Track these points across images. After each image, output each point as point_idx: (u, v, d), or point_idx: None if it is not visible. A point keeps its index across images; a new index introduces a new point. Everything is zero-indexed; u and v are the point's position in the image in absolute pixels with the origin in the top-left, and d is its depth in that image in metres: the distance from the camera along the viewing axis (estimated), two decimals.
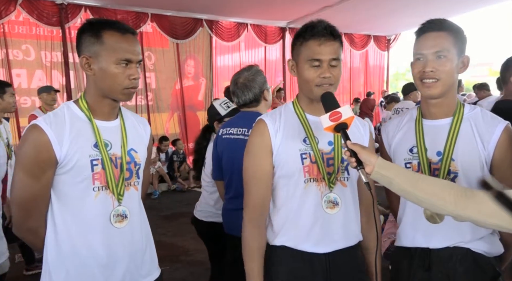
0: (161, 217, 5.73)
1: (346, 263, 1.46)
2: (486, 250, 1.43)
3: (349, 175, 1.48)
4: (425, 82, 1.42)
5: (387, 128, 1.64)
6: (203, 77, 8.80)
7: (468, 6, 8.62)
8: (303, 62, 1.42)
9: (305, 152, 1.43)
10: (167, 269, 3.76)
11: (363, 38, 11.35)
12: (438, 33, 1.41)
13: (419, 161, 1.47)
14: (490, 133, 1.42)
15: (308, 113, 1.49)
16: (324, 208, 1.42)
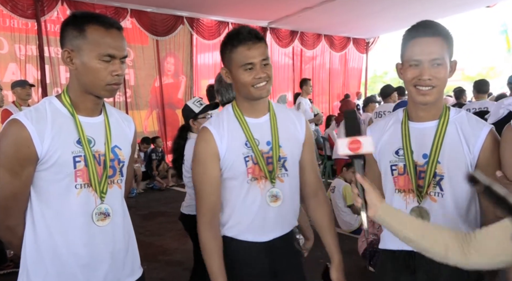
0: (139, 216, 5.65)
1: (283, 247, 1.63)
2: None
3: (287, 171, 1.60)
4: (421, 89, 1.41)
5: (373, 130, 1.65)
6: (183, 75, 8.73)
7: (444, 12, 8.85)
8: (236, 68, 1.50)
9: (247, 154, 1.55)
10: (144, 269, 3.71)
11: (343, 40, 11.50)
12: (433, 38, 1.40)
13: (405, 163, 1.49)
14: (476, 136, 1.44)
15: (247, 116, 1.59)
16: (268, 202, 1.57)
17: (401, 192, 1.50)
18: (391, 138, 1.55)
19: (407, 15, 8.36)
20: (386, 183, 1.56)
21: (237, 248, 1.58)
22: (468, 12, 9.59)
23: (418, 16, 1.46)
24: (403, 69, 1.47)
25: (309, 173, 1.68)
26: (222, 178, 1.58)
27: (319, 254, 3.95)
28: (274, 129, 1.59)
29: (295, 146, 1.63)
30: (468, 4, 8.56)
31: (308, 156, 1.67)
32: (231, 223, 1.59)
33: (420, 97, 1.42)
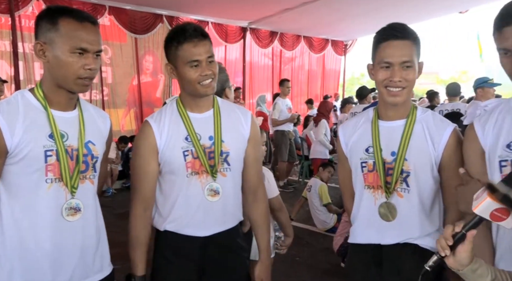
0: (115, 215, 5.57)
1: (225, 242, 1.64)
2: (432, 246, 1.52)
3: (230, 166, 1.62)
4: (391, 90, 1.48)
5: (344, 129, 1.70)
6: (162, 74, 8.66)
7: (419, 17, 9.07)
8: (182, 65, 1.52)
9: (187, 149, 1.57)
10: (119, 268, 3.69)
11: (321, 42, 11.63)
12: (403, 42, 1.46)
13: (374, 161, 1.54)
14: (440, 135, 1.51)
15: (190, 111, 1.62)
16: (206, 196, 1.58)
17: (370, 188, 1.56)
18: (362, 137, 1.61)
19: (384, 19, 8.50)
20: (357, 179, 1.61)
21: (177, 242, 1.60)
22: (442, 17, 9.84)
23: (395, 20, 1.51)
24: (374, 70, 1.52)
25: (250, 169, 1.69)
26: (162, 172, 1.60)
27: (294, 253, 4.02)
28: (217, 124, 1.61)
29: (239, 141, 1.64)
30: (442, 10, 8.80)
31: (252, 152, 1.68)
32: (172, 217, 1.60)
33: (391, 98, 1.49)
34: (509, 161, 1.28)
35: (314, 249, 4.37)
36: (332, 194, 5.12)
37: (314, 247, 4.43)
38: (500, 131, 1.33)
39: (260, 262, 1.75)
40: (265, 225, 1.75)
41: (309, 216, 5.03)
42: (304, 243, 4.44)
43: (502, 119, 1.34)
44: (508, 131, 1.31)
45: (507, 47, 1.22)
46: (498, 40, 1.25)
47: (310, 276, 3.70)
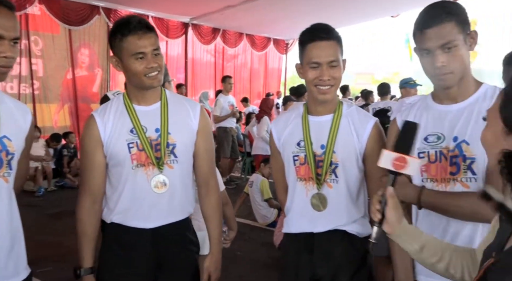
0: (46, 216, 5.28)
1: (173, 235, 1.65)
2: (358, 231, 1.63)
3: (176, 158, 1.62)
4: (321, 89, 1.56)
5: (277, 124, 1.77)
6: (99, 68, 8.31)
7: (356, 19, 9.51)
8: (127, 57, 1.53)
9: (132, 141, 1.59)
10: (50, 270, 3.50)
11: (263, 40, 11.78)
12: (329, 42, 1.55)
13: (305, 154, 1.62)
14: (363, 128, 1.62)
15: (136, 104, 1.63)
16: (153, 188, 1.59)
17: (302, 180, 1.64)
18: (293, 131, 1.68)
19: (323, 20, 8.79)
20: (289, 172, 1.68)
21: (124, 234, 1.61)
22: (376, 21, 10.37)
23: (333, 21, 1.59)
24: (304, 70, 1.60)
25: (201, 161, 1.70)
26: (109, 165, 1.62)
27: (236, 248, 4.06)
28: (163, 116, 1.62)
29: (186, 133, 1.65)
30: (376, 14, 9.29)
31: (202, 145, 1.69)
32: (118, 209, 1.61)
33: (321, 96, 1.58)
34: (426, 153, 1.41)
35: (255, 243, 4.43)
36: (273, 189, 5.22)
37: (255, 241, 4.49)
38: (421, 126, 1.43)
39: (211, 255, 1.74)
40: (216, 217, 1.76)
41: (250, 211, 5.09)
42: (246, 238, 4.49)
43: (420, 115, 1.46)
44: (425, 125, 1.41)
45: (428, 47, 1.32)
46: (419, 41, 1.35)
47: (251, 270, 3.75)
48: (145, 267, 1.62)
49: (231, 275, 3.59)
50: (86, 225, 1.61)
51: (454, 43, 1.29)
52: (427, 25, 1.31)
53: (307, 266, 1.63)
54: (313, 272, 1.63)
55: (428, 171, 1.40)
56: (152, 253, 1.62)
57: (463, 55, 1.32)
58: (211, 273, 1.73)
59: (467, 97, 1.38)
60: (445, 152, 1.37)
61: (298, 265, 1.64)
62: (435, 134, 1.40)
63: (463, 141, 1.34)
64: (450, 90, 1.38)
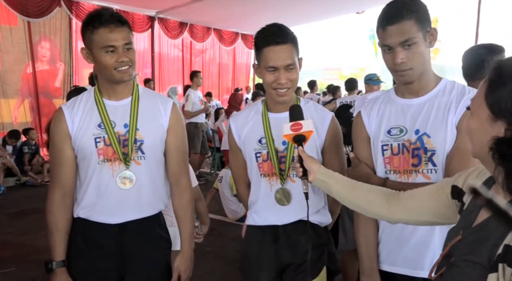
0: (7, 215, 5.08)
1: (141, 231, 1.63)
2: (320, 221, 1.69)
3: (144, 154, 1.61)
4: (279, 91, 1.59)
5: (236, 121, 1.76)
6: (61, 62, 8.01)
7: (323, 15, 9.62)
8: (98, 50, 1.51)
9: (99, 136, 1.58)
10: (13, 271, 3.37)
11: (232, 35, 11.73)
12: (285, 46, 1.54)
13: (268, 150, 1.64)
14: (322, 122, 1.66)
15: (106, 99, 1.62)
16: (118, 184, 1.58)
17: (266, 176, 1.67)
18: (254, 128, 1.69)
19: (290, 15, 8.88)
20: (252, 169, 1.70)
21: (89, 229, 1.60)
22: (342, 17, 10.55)
23: (299, 17, 1.60)
24: (261, 72, 1.61)
25: (172, 158, 1.69)
26: (77, 158, 1.61)
27: (205, 243, 4.04)
28: (133, 112, 1.60)
29: (155, 130, 1.64)
30: (342, 10, 9.44)
31: (172, 142, 1.67)
32: (84, 204, 1.60)
33: (280, 98, 1.61)
34: (389, 145, 1.46)
35: (225, 238, 4.44)
36: None
37: (225, 236, 4.49)
38: (382, 119, 1.49)
39: (181, 253, 1.73)
40: (188, 216, 1.73)
41: (220, 206, 5.08)
42: (215, 233, 4.48)
43: (384, 109, 1.51)
44: (388, 119, 1.47)
45: (389, 44, 1.36)
46: (381, 37, 1.39)
47: (220, 265, 3.75)
48: (110, 263, 1.60)
49: (200, 270, 3.58)
50: (57, 218, 1.59)
51: (413, 40, 1.33)
52: (388, 22, 1.34)
53: (272, 256, 1.66)
54: (279, 262, 1.66)
55: (391, 163, 1.45)
56: (117, 249, 1.60)
57: (423, 52, 1.36)
58: (181, 272, 1.71)
59: (428, 91, 1.43)
60: (407, 144, 1.42)
61: (263, 256, 1.67)
62: (398, 127, 1.45)
63: (424, 133, 1.39)
64: (411, 85, 1.42)
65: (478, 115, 0.89)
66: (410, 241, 1.43)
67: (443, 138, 1.37)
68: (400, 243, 1.45)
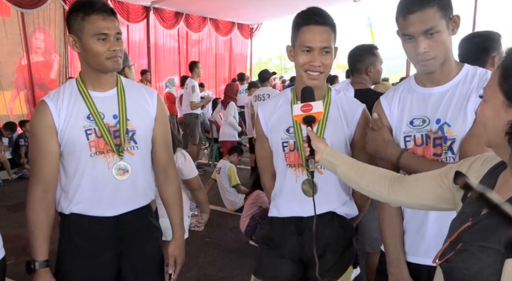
0: (5, 207, 5.07)
1: (136, 222, 1.63)
2: (347, 213, 1.66)
3: (136, 144, 1.60)
4: (311, 74, 1.53)
5: (264, 110, 1.72)
6: (56, 54, 7.94)
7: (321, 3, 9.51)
8: (89, 37, 1.48)
9: (89, 127, 1.53)
10: (12, 263, 3.37)
11: (228, 24, 11.64)
12: (324, 28, 1.50)
13: (295, 140, 1.61)
14: (352, 115, 1.63)
15: (91, 90, 1.57)
16: (114, 175, 1.55)
17: (292, 167, 1.63)
18: (282, 117, 1.66)
19: (287, 5, 8.80)
20: (278, 158, 1.67)
21: (85, 224, 1.56)
22: (339, 5, 10.46)
23: (296, 6, 1.57)
24: (295, 53, 1.57)
25: (159, 148, 1.68)
26: (64, 152, 1.55)
27: (204, 234, 4.05)
28: (121, 102, 1.58)
29: (145, 119, 1.62)
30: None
31: (160, 131, 1.67)
32: (78, 199, 1.56)
33: (310, 81, 1.55)
34: (412, 136, 1.43)
35: (224, 228, 4.45)
36: (241, 175, 5.23)
37: (224, 226, 4.51)
38: (404, 109, 1.46)
39: (174, 240, 1.74)
40: (177, 204, 1.75)
41: (218, 197, 5.09)
42: (214, 223, 4.50)
43: (404, 98, 1.47)
44: (410, 109, 1.43)
45: (410, 33, 1.30)
46: (402, 26, 1.34)
47: (219, 255, 3.76)
48: (108, 256, 1.59)
49: (200, 261, 3.60)
50: (38, 215, 1.53)
51: (436, 29, 1.29)
52: (409, 10, 1.29)
53: (295, 248, 1.64)
54: (301, 253, 1.64)
55: (415, 153, 1.42)
56: (115, 241, 1.59)
57: (445, 40, 1.32)
58: (176, 257, 1.73)
59: (449, 80, 1.39)
60: (430, 134, 1.40)
61: (285, 248, 1.65)
62: (420, 118, 1.41)
63: (445, 122, 1.37)
64: (433, 74, 1.39)
65: (492, 102, 0.88)
66: (431, 232, 1.41)
67: (462, 126, 1.34)
68: (423, 234, 1.42)
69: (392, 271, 1.46)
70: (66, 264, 1.59)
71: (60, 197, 1.59)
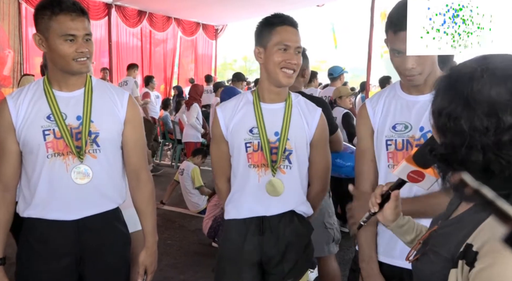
0: None
1: (99, 227, 1.58)
2: (305, 212, 1.72)
3: (99, 147, 1.55)
4: (286, 72, 1.58)
5: (224, 111, 1.72)
6: (10, 49, 7.56)
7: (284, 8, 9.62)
8: (56, 37, 1.44)
9: (48, 128, 1.49)
10: None
11: (193, 25, 11.53)
12: (296, 30, 1.61)
13: (259, 141, 1.63)
14: (312, 117, 1.70)
15: (57, 90, 1.53)
16: (74, 179, 1.51)
17: (256, 167, 1.65)
18: (244, 118, 1.67)
19: (252, 8, 8.86)
20: (239, 159, 1.67)
21: (43, 228, 1.52)
22: (302, 10, 10.62)
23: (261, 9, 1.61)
24: (269, 53, 1.60)
25: (130, 152, 1.64)
26: (23, 152, 1.52)
27: (167, 236, 3.99)
28: (87, 103, 1.53)
29: (112, 122, 1.58)
30: (301, 3, 9.49)
31: (130, 135, 1.63)
32: (36, 202, 1.51)
33: (286, 79, 1.60)
34: (394, 140, 1.47)
35: (186, 231, 4.40)
36: (204, 176, 5.20)
37: (186, 229, 4.46)
38: (387, 114, 1.51)
39: (146, 248, 1.69)
40: (149, 210, 1.70)
41: (181, 199, 5.03)
42: (176, 226, 4.44)
43: (389, 104, 1.52)
44: (393, 114, 1.48)
45: (400, 49, 1.33)
46: (391, 40, 1.37)
47: (181, 257, 3.73)
48: (66, 262, 1.54)
49: (161, 264, 3.54)
50: (3, 217, 1.51)
51: None
52: (400, 27, 1.30)
53: (255, 249, 1.66)
54: (261, 254, 1.66)
55: (394, 157, 1.47)
56: (74, 246, 1.54)
57: (432, 56, 1.36)
58: (148, 266, 1.68)
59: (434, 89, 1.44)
60: (411, 140, 1.44)
61: (245, 249, 1.66)
62: (403, 123, 1.46)
63: (429, 131, 1.40)
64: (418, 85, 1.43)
65: None
66: None
67: None
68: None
69: (364, 266, 1.51)
70: (24, 269, 1.54)
71: (19, 198, 1.54)
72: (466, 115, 0.78)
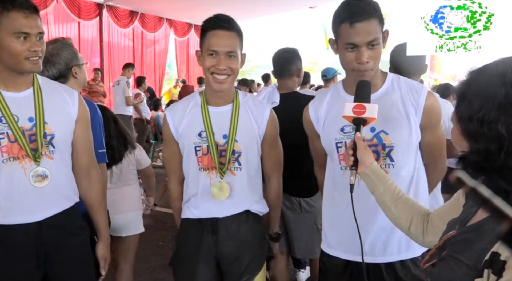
0: None
1: (60, 225, 1.57)
2: (259, 210, 1.73)
3: (55, 148, 1.53)
4: (217, 77, 1.55)
5: (173, 114, 1.71)
6: None
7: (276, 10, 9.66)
8: (7, 35, 1.39)
9: (1, 132, 1.44)
10: None
11: (185, 26, 11.52)
12: (229, 32, 1.55)
13: (208, 144, 1.63)
14: (261, 115, 1.68)
15: (4, 90, 1.47)
16: (32, 183, 1.48)
17: (206, 170, 1.65)
18: (193, 122, 1.66)
19: (245, 8, 8.87)
20: (190, 163, 1.68)
21: (6, 232, 1.48)
22: (294, 12, 10.67)
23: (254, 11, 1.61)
24: (202, 57, 1.59)
25: (81, 150, 1.63)
26: None
27: (158, 237, 3.97)
28: (38, 104, 1.50)
29: (65, 122, 1.57)
30: (293, 4, 9.53)
31: (80, 133, 1.61)
32: None
33: (217, 85, 1.58)
34: (344, 142, 1.47)
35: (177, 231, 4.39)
36: None
37: (177, 230, 4.44)
38: (334, 116, 1.50)
39: (102, 241, 1.74)
40: (102, 206, 1.73)
41: None
42: (168, 226, 4.42)
43: (333, 105, 1.52)
44: (339, 116, 1.41)
45: (356, 42, 1.32)
46: (346, 34, 1.33)
47: None
48: (31, 263, 1.52)
49: (152, 265, 3.52)
50: None
51: (378, 40, 1.35)
52: (356, 18, 1.30)
53: (210, 247, 1.66)
54: (216, 252, 1.67)
55: (345, 159, 1.43)
56: (37, 248, 1.52)
57: (380, 53, 1.39)
58: (106, 258, 1.75)
59: (378, 89, 1.45)
60: None
61: (201, 248, 1.67)
62: (351, 125, 1.43)
63: (382, 131, 1.42)
64: None
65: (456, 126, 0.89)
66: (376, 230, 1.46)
67: (404, 135, 1.41)
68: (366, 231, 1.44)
69: None
70: None
71: None
72: (503, 119, 0.75)
